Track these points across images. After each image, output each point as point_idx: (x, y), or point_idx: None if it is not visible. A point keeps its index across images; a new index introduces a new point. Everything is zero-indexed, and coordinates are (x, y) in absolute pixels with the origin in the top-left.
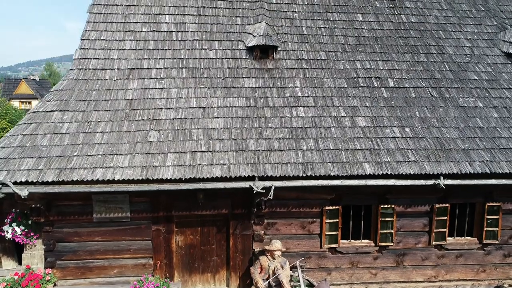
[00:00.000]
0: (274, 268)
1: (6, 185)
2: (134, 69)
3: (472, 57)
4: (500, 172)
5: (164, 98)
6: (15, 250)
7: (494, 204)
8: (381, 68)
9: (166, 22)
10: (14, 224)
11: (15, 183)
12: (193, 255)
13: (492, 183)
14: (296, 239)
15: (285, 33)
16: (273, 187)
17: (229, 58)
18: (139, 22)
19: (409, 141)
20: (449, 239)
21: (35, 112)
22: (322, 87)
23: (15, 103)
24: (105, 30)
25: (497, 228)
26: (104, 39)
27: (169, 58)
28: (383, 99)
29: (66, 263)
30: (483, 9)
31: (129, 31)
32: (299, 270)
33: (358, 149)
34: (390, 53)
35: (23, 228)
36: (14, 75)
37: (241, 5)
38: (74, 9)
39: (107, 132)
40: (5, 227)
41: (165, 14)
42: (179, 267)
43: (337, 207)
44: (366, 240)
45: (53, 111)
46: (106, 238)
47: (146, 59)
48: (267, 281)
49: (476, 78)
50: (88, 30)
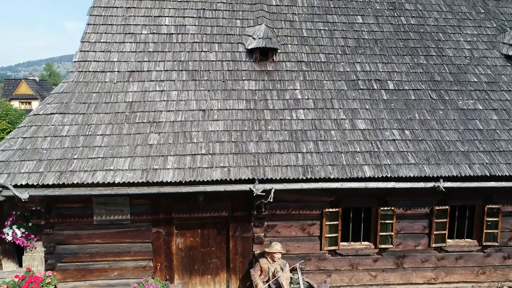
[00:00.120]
0: (274, 271)
1: (7, 188)
2: (134, 71)
3: (472, 59)
4: (500, 174)
5: (164, 100)
6: (15, 252)
7: (493, 206)
8: (381, 70)
9: (166, 25)
10: (14, 227)
11: (15, 186)
12: (193, 257)
13: (492, 185)
14: (296, 241)
15: (285, 35)
16: (273, 190)
17: (229, 61)
18: (139, 25)
19: (409, 144)
20: (449, 241)
21: (35, 114)
22: (322, 90)
23: (15, 104)
24: (105, 33)
25: (497, 230)
26: (104, 42)
27: (169, 61)
28: (382, 101)
29: (67, 265)
30: (483, 11)
31: (129, 33)
32: (299, 272)
33: (358, 152)
34: (390, 55)
35: (23, 230)
36: (14, 75)
37: (241, 8)
38: (74, 9)
39: (107, 134)
40: (5, 230)
41: (165, 17)
42: (179, 269)
43: (337, 210)
44: (366, 242)
45: (53, 113)
46: (106, 240)
47: (146, 61)
48: (267, 283)
49: (475, 80)
50: (88, 33)
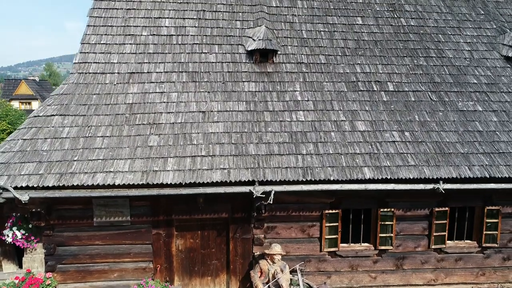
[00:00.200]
0: (274, 272)
1: (7, 190)
2: (134, 73)
3: (472, 61)
4: (500, 176)
5: (164, 102)
6: (15, 253)
7: (493, 207)
8: (381, 72)
9: (166, 26)
10: (14, 228)
11: (15, 188)
12: (193, 258)
13: (492, 187)
14: (296, 242)
15: (285, 37)
16: (273, 192)
17: (229, 62)
18: (139, 26)
19: (409, 146)
20: (449, 243)
21: (35, 116)
22: (322, 91)
23: (15, 104)
24: (105, 34)
25: (497, 232)
26: (104, 43)
27: (169, 62)
28: (382, 103)
29: (67, 266)
30: (483, 13)
31: (129, 35)
32: (299, 273)
33: (358, 154)
34: (390, 56)
35: (23, 232)
36: (14, 75)
37: (241, 9)
38: (74, 9)
39: (108, 136)
40: (5, 231)
41: (165, 18)
42: (179, 270)
43: (336, 211)
44: (366, 244)
45: (53, 115)
46: (106, 242)
47: (146, 63)
48: (267, 285)
49: (475, 81)
50: (88, 34)
